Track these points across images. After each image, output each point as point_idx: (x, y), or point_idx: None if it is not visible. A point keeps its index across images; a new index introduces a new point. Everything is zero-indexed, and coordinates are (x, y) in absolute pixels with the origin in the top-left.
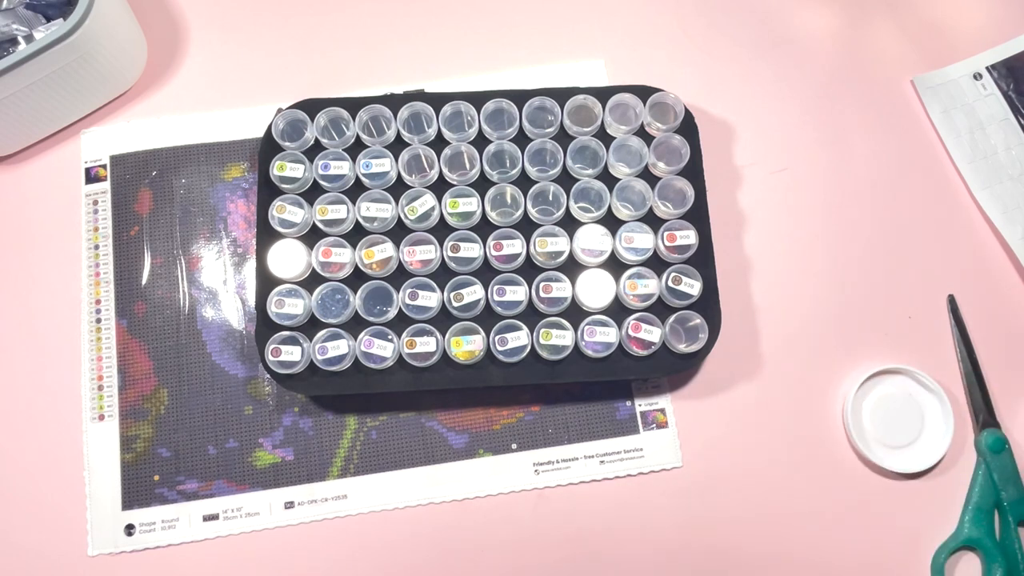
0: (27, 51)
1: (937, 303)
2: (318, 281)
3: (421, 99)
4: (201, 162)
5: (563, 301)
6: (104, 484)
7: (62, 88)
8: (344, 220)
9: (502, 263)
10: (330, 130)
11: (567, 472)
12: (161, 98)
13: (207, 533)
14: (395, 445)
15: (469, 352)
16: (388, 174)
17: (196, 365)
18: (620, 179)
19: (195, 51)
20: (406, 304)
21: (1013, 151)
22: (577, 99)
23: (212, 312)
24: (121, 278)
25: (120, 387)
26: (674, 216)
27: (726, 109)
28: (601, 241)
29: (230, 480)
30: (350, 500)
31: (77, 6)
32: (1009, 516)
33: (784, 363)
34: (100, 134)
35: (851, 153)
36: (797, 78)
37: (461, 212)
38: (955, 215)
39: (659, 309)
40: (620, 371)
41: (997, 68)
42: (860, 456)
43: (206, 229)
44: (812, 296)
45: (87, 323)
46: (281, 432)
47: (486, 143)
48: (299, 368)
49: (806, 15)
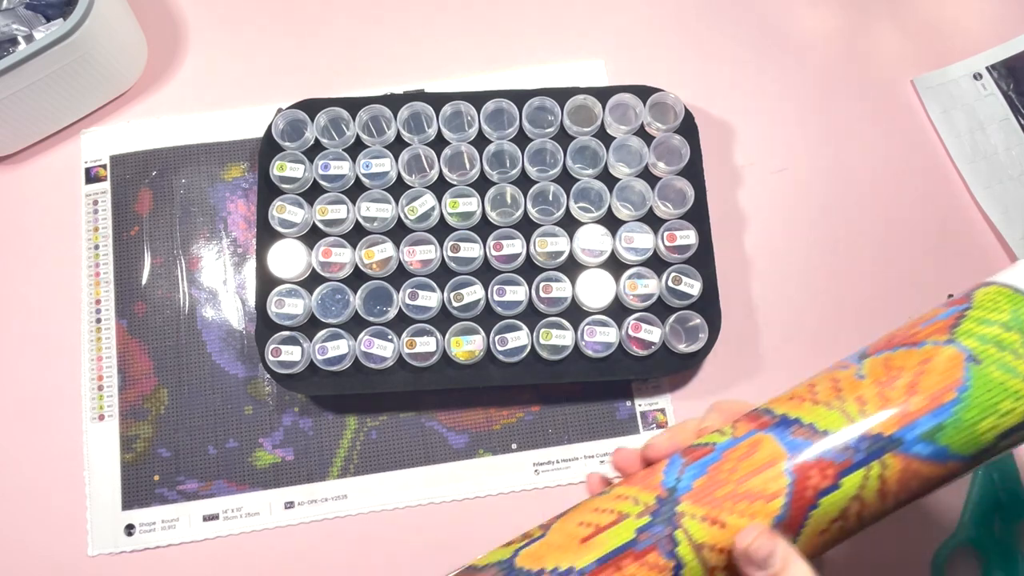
0: (27, 51)
1: (937, 303)
2: (318, 281)
3: (421, 99)
4: (201, 162)
5: (563, 301)
6: (104, 484)
7: (62, 88)
8: (344, 220)
9: (502, 263)
10: (330, 130)
11: (567, 472)
12: (161, 98)
13: (207, 533)
14: (395, 445)
15: (469, 352)
16: (388, 174)
17: (196, 365)
18: (620, 179)
19: (195, 51)
20: (406, 304)
21: (1013, 151)
22: (577, 99)
23: (212, 312)
24: (121, 278)
25: (120, 387)
26: (674, 216)
27: (726, 109)
28: (601, 241)
29: (230, 480)
30: (350, 500)
31: (77, 6)
32: (1009, 516)
33: (784, 363)
34: (100, 134)
35: (851, 153)
36: (797, 78)
37: (461, 212)
38: (955, 215)
39: (659, 309)
40: (620, 371)
41: (997, 68)
42: None
43: (206, 229)
44: (812, 296)
45: (87, 323)
46: (281, 432)
47: (486, 143)
48: (299, 368)
49: (806, 15)
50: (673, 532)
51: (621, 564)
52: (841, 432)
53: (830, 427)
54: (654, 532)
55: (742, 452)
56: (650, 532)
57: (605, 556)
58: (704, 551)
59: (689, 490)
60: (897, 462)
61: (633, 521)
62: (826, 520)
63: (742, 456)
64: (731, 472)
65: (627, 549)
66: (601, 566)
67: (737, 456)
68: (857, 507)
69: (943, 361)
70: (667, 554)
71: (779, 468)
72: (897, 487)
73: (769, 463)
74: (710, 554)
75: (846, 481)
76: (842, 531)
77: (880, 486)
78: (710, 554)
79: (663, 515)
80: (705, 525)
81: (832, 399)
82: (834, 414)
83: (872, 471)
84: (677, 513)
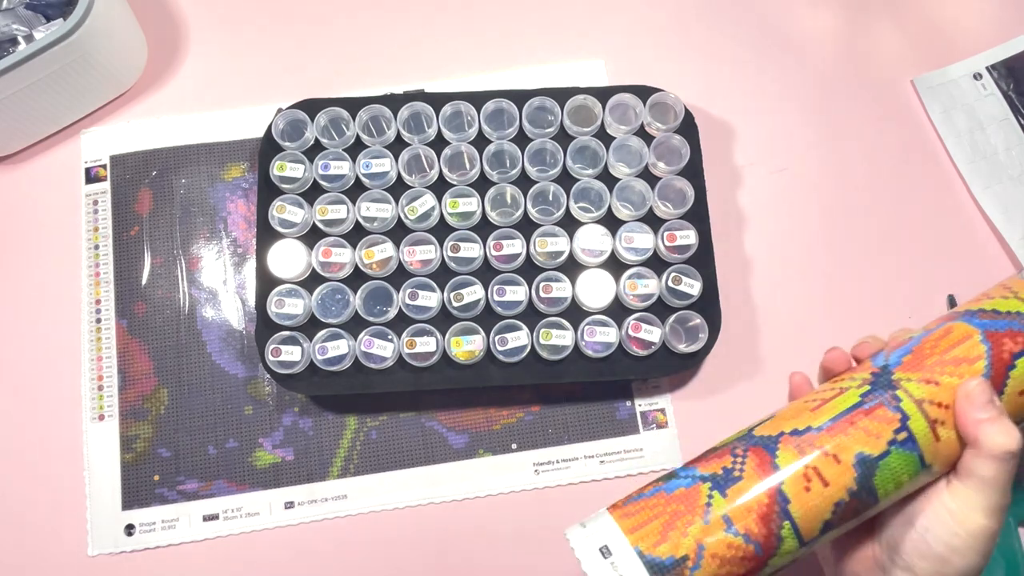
0: (27, 51)
1: (937, 303)
2: (318, 281)
3: (421, 99)
4: (201, 162)
5: (563, 301)
6: (104, 484)
7: (62, 88)
8: (344, 220)
9: (502, 263)
10: (330, 130)
11: (567, 472)
12: (161, 98)
13: (207, 533)
14: (395, 445)
15: (469, 352)
16: (388, 174)
17: (196, 365)
18: (620, 179)
19: (195, 51)
20: (406, 304)
21: (1013, 151)
22: (577, 99)
23: (212, 312)
24: (121, 278)
25: (120, 387)
26: (674, 216)
27: (726, 109)
28: (601, 241)
29: (230, 480)
30: (350, 500)
31: (77, 6)
32: (1009, 516)
33: (784, 363)
34: (100, 134)
35: (851, 153)
36: (797, 78)
37: (461, 212)
38: (955, 215)
39: (659, 309)
40: (620, 371)
41: (997, 68)
42: None
43: (206, 229)
44: (812, 296)
45: (87, 323)
46: (281, 432)
47: (486, 143)
48: (299, 368)
49: (806, 15)
50: (895, 392)
51: (854, 420)
52: (1022, 311)
53: (1011, 308)
54: (878, 394)
55: (938, 335)
56: (874, 394)
57: (838, 415)
58: (924, 405)
59: (900, 364)
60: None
61: (856, 390)
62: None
63: (939, 337)
64: (933, 347)
65: (856, 408)
66: (836, 422)
67: (935, 338)
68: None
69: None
70: (893, 408)
71: (975, 339)
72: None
73: (965, 336)
74: (930, 408)
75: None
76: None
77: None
78: (930, 408)
79: (882, 383)
80: (922, 384)
81: (1006, 292)
82: (1012, 300)
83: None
84: (895, 380)
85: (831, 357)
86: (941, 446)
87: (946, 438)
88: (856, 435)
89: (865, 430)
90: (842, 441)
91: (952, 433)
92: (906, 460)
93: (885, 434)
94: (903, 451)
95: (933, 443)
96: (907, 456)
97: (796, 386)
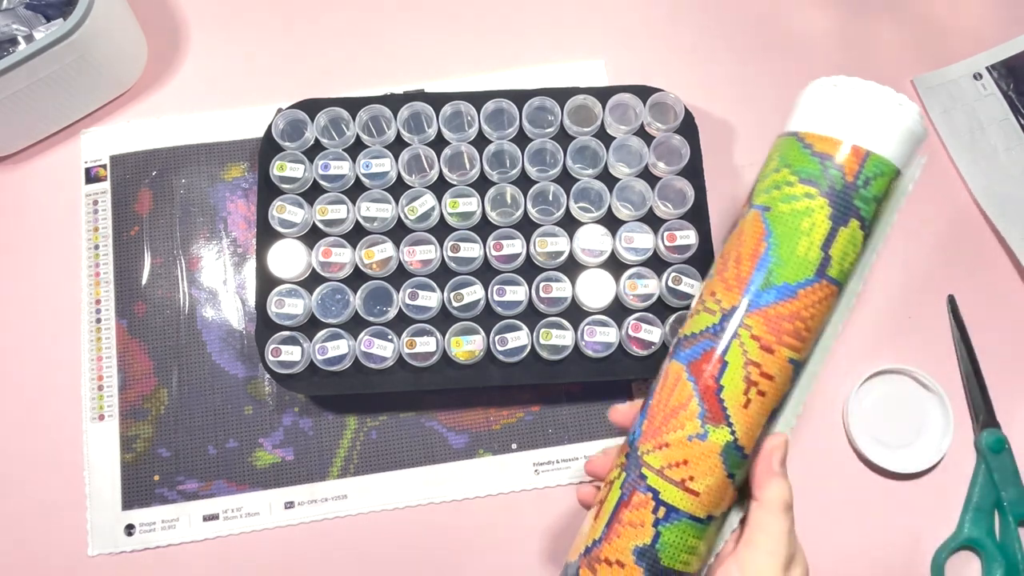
0: (27, 51)
1: (937, 303)
2: (318, 281)
3: (421, 99)
4: (201, 162)
5: (563, 301)
6: (104, 484)
7: (62, 88)
8: (344, 220)
9: (502, 263)
10: (330, 130)
11: (567, 472)
12: (161, 98)
13: (207, 533)
14: (395, 445)
15: (469, 352)
16: (388, 174)
17: (196, 365)
18: (620, 179)
19: (195, 51)
20: (406, 304)
21: (1013, 151)
22: (577, 99)
23: (212, 312)
24: (121, 278)
25: (120, 387)
26: (674, 216)
27: (726, 109)
28: (601, 241)
29: (230, 480)
30: (350, 500)
31: (77, 6)
32: (1009, 516)
33: None
34: (100, 134)
35: None
36: (797, 78)
37: (461, 212)
38: (955, 215)
39: (659, 309)
40: (620, 371)
41: (997, 68)
42: (860, 456)
43: (206, 229)
44: None
45: (87, 323)
46: (281, 432)
47: (486, 143)
48: (299, 368)
49: (806, 15)
50: (640, 471)
51: (620, 517)
52: (709, 326)
53: (701, 327)
54: (631, 480)
55: (662, 385)
56: (629, 480)
57: (610, 518)
58: (666, 471)
59: (640, 435)
60: (757, 318)
61: (617, 481)
62: (739, 393)
63: (662, 386)
64: (659, 403)
65: (620, 503)
66: (611, 527)
67: (660, 389)
68: (756, 370)
69: (748, 225)
70: (644, 489)
71: (683, 378)
72: (774, 336)
73: (677, 378)
74: (672, 471)
75: (729, 356)
76: (761, 396)
77: (758, 343)
78: (672, 471)
79: (632, 462)
80: (657, 452)
81: (698, 307)
82: (702, 316)
83: (742, 336)
84: (640, 455)
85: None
86: (704, 498)
87: (704, 489)
88: (626, 532)
89: (631, 524)
90: (617, 544)
91: (708, 481)
92: (680, 530)
93: (647, 519)
94: (671, 524)
95: (694, 500)
96: (678, 526)
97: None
